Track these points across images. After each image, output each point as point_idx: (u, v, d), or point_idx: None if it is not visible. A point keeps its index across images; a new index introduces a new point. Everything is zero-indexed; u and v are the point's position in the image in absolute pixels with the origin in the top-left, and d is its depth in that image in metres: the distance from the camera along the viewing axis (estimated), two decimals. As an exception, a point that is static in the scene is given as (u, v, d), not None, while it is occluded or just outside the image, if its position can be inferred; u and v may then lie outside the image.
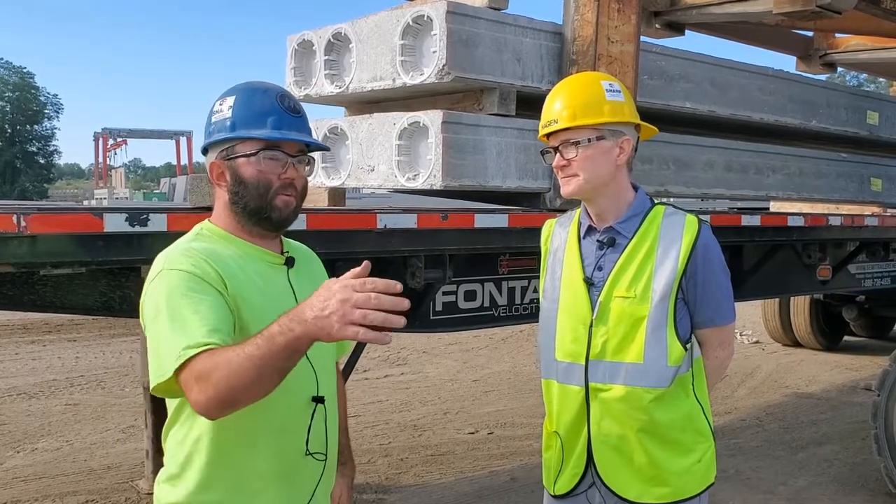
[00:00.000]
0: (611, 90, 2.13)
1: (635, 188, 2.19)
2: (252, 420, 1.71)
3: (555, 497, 2.22)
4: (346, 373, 3.38)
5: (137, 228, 2.58)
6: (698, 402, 2.14)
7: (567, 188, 2.12)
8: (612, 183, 2.12)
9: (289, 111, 1.81)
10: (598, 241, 2.14)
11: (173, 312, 1.59)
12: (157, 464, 2.64)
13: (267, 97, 1.81)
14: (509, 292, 4.15)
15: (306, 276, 1.91)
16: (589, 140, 2.08)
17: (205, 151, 1.86)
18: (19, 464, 5.26)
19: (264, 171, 1.77)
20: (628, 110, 2.14)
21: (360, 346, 3.69)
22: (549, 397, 2.23)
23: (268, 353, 1.47)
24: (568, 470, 2.17)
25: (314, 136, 3.87)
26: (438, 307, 3.90)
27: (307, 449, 1.79)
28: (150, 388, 1.61)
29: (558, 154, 2.12)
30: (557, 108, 2.11)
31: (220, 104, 1.82)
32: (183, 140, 46.86)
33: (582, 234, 2.19)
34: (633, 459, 2.09)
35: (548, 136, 2.16)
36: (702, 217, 2.19)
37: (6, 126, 58.63)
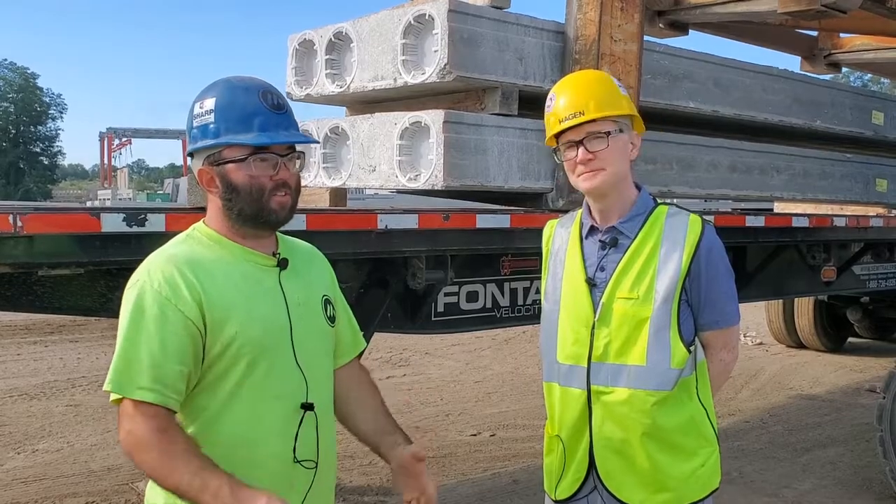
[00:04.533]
0: (620, 85, 2.13)
1: (638, 187, 2.16)
2: (237, 427, 1.71)
3: (556, 502, 2.19)
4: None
5: (135, 229, 2.56)
6: (702, 405, 2.11)
7: (592, 181, 2.06)
8: (626, 179, 2.11)
9: (274, 109, 1.74)
10: (600, 241, 2.11)
11: (131, 337, 1.67)
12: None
13: (249, 96, 1.74)
14: (511, 293, 4.12)
15: (303, 276, 1.88)
16: (615, 132, 2.05)
17: (191, 155, 1.81)
18: (20, 465, 5.25)
19: (256, 175, 1.73)
20: (633, 105, 2.14)
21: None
22: (551, 400, 2.19)
23: (189, 494, 1.58)
24: (570, 474, 2.14)
25: (313, 134, 3.87)
26: (440, 308, 3.88)
27: (295, 457, 1.76)
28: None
29: (581, 148, 2.05)
30: (580, 101, 2.05)
31: (200, 106, 1.75)
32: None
33: (584, 235, 2.15)
34: (635, 464, 2.05)
35: (559, 133, 2.10)
36: (706, 217, 2.15)
37: (10, 127, 58.73)
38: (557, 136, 2.11)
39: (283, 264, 1.82)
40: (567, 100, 2.08)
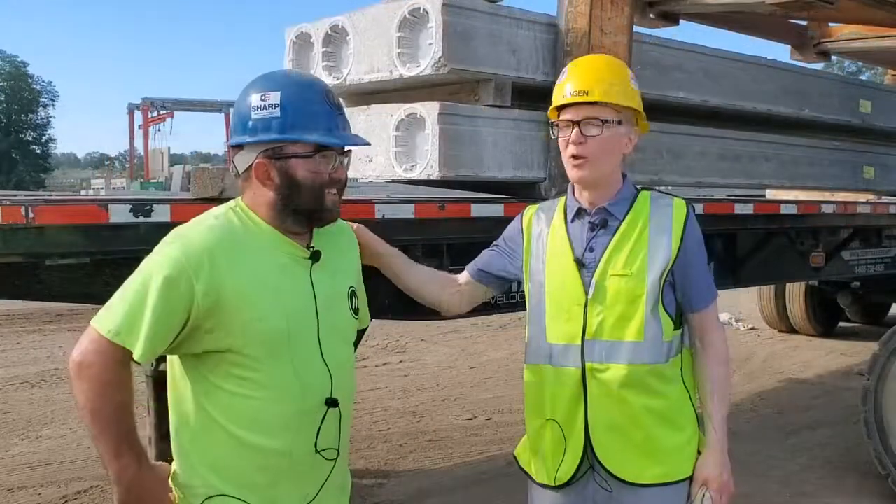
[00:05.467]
0: (633, 78, 2.14)
1: (623, 175, 2.20)
2: (263, 418, 1.74)
3: (555, 488, 2.17)
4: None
5: (141, 219, 2.63)
6: (685, 387, 2.16)
7: (579, 172, 2.08)
8: (614, 172, 2.13)
9: (336, 109, 1.79)
10: (589, 222, 2.13)
11: (142, 296, 1.67)
12: (160, 450, 2.69)
13: (315, 94, 1.77)
14: (506, 280, 4.20)
15: (332, 268, 1.89)
16: (612, 122, 2.06)
17: (237, 146, 1.78)
18: (24, 451, 5.34)
19: (319, 171, 1.76)
20: (640, 101, 2.15)
21: (358, 335, 3.75)
22: (540, 384, 2.18)
23: (103, 444, 1.70)
24: (568, 456, 2.13)
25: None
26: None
27: (316, 448, 1.80)
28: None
29: (576, 129, 2.05)
30: (589, 80, 2.05)
31: (262, 99, 1.73)
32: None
33: (570, 218, 2.17)
34: (631, 438, 2.08)
35: (561, 109, 2.10)
36: (694, 204, 2.20)
37: (1, 116, 58.29)
38: (560, 110, 2.11)
39: (315, 257, 1.83)
40: (577, 77, 2.08)
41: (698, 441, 2.20)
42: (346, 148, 1.84)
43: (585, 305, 2.08)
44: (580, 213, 2.16)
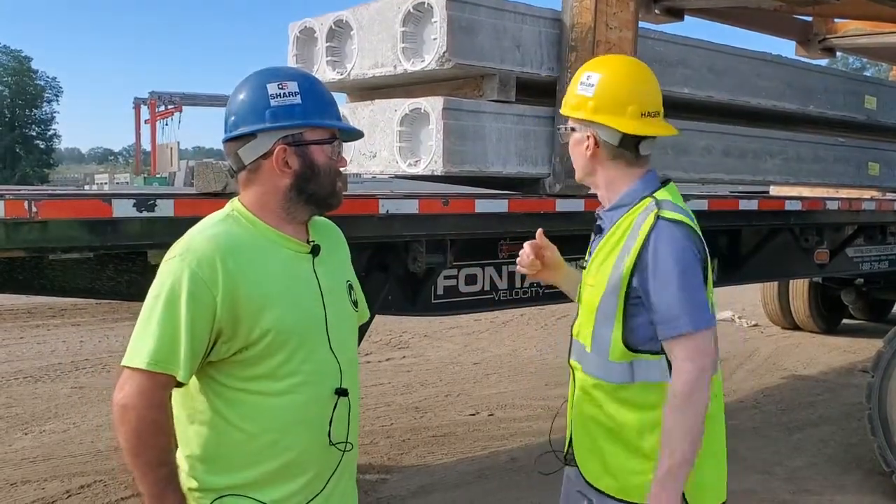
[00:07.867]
0: (585, 83, 2.08)
1: (638, 181, 2.08)
2: (278, 412, 1.75)
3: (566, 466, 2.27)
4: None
5: (145, 214, 2.63)
6: None
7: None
8: (596, 174, 2.11)
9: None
10: (595, 226, 2.19)
11: (169, 316, 1.67)
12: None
13: (322, 86, 1.87)
14: (510, 276, 4.20)
15: (330, 262, 1.91)
16: (566, 129, 2.17)
17: (251, 135, 1.77)
18: (28, 445, 5.35)
19: (333, 158, 1.83)
20: (594, 105, 2.04)
21: (362, 331, 3.76)
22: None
23: (145, 484, 1.70)
24: (570, 441, 2.24)
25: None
26: (440, 291, 3.96)
27: (330, 440, 1.81)
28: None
29: None
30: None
31: (280, 87, 1.76)
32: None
33: None
34: (587, 440, 2.13)
35: None
36: (670, 213, 1.98)
37: (5, 111, 58.32)
38: None
39: (315, 251, 1.86)
40: None
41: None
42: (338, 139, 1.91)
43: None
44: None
